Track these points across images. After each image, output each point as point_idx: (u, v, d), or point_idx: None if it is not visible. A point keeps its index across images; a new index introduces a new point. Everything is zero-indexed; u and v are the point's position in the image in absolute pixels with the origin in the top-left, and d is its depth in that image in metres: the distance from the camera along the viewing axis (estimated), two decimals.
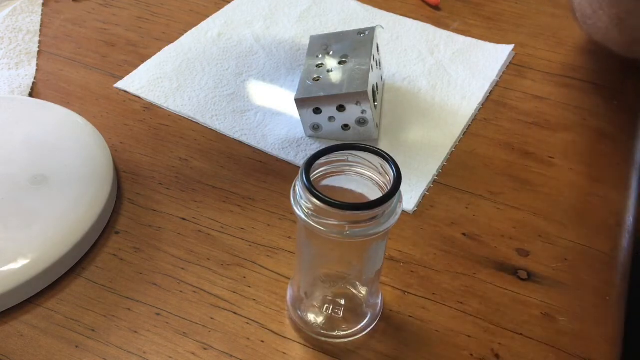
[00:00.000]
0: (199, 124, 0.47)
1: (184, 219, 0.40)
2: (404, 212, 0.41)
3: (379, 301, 0.35)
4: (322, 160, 0.29)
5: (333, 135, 0.45)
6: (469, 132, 0.47)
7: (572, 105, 0.50)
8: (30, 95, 0.49)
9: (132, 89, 0.50)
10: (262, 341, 0.34)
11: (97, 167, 0.41)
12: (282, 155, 0.44)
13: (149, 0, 0.61)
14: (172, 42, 0.55)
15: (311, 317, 0.34)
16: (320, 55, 0.46)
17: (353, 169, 0.30)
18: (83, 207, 0.38)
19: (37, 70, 0.52)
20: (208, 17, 0.58)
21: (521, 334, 0.34)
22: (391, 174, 0.28)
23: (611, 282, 0.37)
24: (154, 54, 0.54)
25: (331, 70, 0.44)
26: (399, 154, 0.44)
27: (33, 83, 0.50)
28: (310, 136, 0.46)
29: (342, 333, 0.33)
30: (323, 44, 0.48)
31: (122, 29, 0.57)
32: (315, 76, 0.44)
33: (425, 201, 0.42)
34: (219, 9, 0.60)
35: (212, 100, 0.49)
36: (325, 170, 0.30)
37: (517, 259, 0.38)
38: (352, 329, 0.34)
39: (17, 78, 0.50)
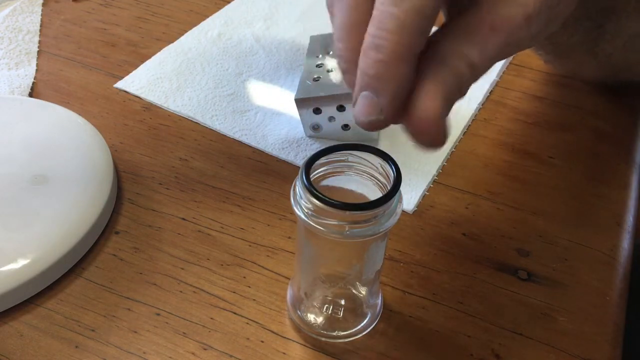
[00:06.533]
0: (199, 124, 0.47)
1: (184, 219, 0.40)
2: (404, 212, 0.41)
3: (379, 301, 0.35)
4: (322, 160, 0.29)
5: (333, 135, 0.45)
6: (469, 132, 0.47)
7: (572, 105, 0.50)
8: (30, 95, 0.49)
9: (132, 89, 0.50)
10: (262, 341, 0.34)
11: (97, 167, 0.41)
12: (282, 155, 0.44)
13: (149, 0, 0.61)
14: (172, 42, 0.55)
15: (311, 317, 0.34)
16: (320, 55, 0.46)
17: (353, 169, 0.30)
18: (83, 207, 0.38)
19: (37, 70, 0.52)
20: (208, 17, 0.58)
21: (521, 334, 0.34)
22: (391, 174, 0.28)
23: (611, 282, 0.37)
24: (154, 54, 0.54)
25: (331, 70, 0.44)
26: (399, 154, 0.44)
27: (33, 83, 0.50)
28: (310, 136, 0.46)
29: (342, 333, 0.33)
30: (323, 44, 0.48)
31: (122, 29, 0.57)
32: (315, 76, 0.44)
33: (425, 201, 0.42)
34: (219, 9, 0.60)
35: (212, 100, 0.49)
36: (325, 170, 0.30)
37: (517, 259, 0.38)
38: (352, 329, 0.34)
39: (17, 78, 0.50)
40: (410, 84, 0.24)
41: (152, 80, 0.51)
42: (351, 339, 0.34)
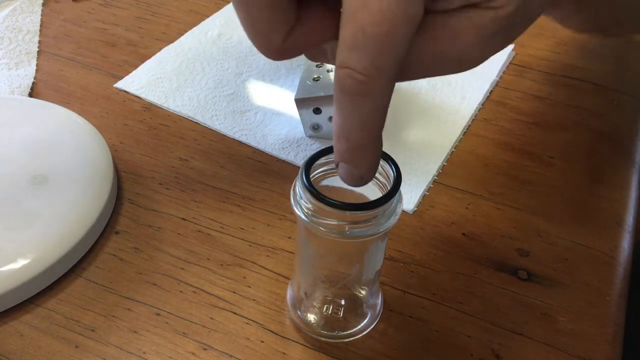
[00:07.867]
0: (199, 124, 0.47)
1: (184, 219, 0.40)
2: (404, 212, 0.41)
3: (379, 301, 0.35)
4: (322, 160, 0.29)
5: (333, 136, 0.45)
6: (469, 132, 0.47)
7: (572, 105, 0.50)
8: (30, 95, 0.49)
9: (132, 89, 0.50)
10: (262, 341, 0.34)
11: (97, 167, 0.41)
12: (282, 155, 0.44)
13: (149, 0, 0.61)
14: (172, 42, 0.55)
15: (311, 317, 0.34)
16: None
17: None
18: (83, 207, 0.38)
19: (37, 70, 0.52)
20: (208, 17, 0.58)
21: (521, 334, 0.34)
22: (391, 174, 0.28)
23: (611, 282, 0.37)
24: (154, 54, 0.54)
25: (331, 70, 0.44)
26: (399, 154, 0.44)
27: (33, 83, 0.50)
28: (310, 136, 0.46)
29: (342, 333, 0.33)
30: None
31: (122, 29, 0.57)
32: (315, 76, 0.44)
33: (425, 201, 0.42)
34: (219, 9, 0.60)
35: (212, 100, 0.49)
36: (325, 170, 0.30)
37: (517, 259, 0.38)
38: (352, 329, 0.34)
39: (17, 78, 0.50)
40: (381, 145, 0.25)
41: (152, 80, 0.51)
42: (351, 339, 0.34)
